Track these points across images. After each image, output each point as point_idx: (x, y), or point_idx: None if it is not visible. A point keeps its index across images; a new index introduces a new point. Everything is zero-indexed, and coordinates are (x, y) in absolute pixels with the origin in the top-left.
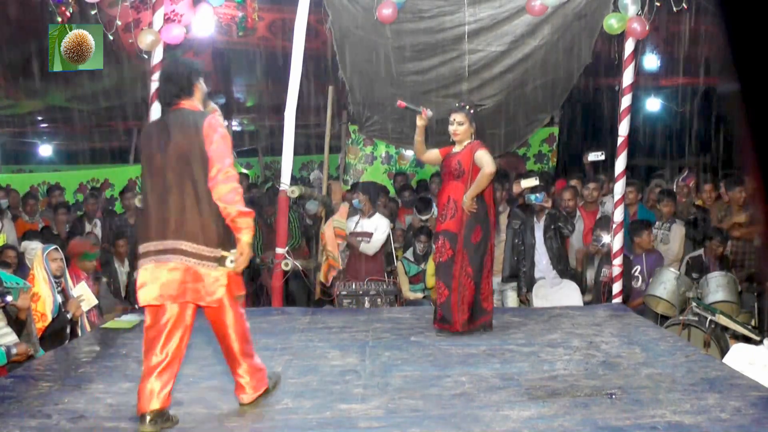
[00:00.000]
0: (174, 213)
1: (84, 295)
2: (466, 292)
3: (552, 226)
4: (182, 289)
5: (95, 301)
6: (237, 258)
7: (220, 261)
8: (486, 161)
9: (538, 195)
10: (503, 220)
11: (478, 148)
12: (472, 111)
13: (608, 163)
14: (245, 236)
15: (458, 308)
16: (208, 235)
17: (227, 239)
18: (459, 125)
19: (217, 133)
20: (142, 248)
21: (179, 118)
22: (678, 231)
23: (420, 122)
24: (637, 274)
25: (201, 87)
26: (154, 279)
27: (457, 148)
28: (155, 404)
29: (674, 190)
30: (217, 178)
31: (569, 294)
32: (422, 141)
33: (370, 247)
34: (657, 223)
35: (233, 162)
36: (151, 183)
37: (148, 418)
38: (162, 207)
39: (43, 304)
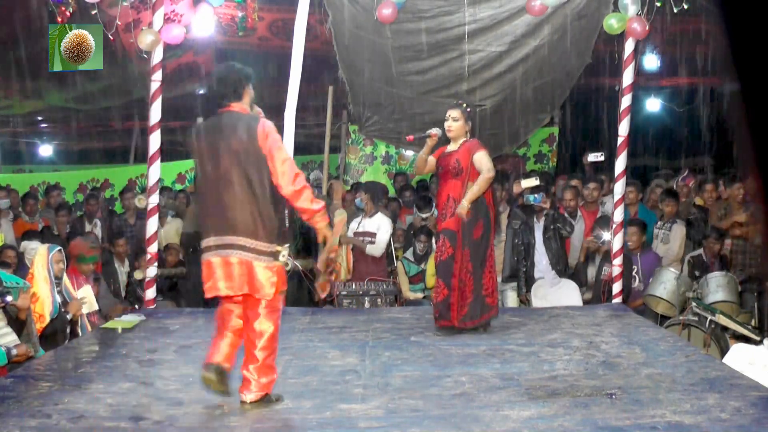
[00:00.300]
0: (231, 210)
1: (87, 298)
2: (466, 289)
3: (552, 227)
4: (241, 281)
5: (96, 306)
6: (325, 245)
7: (275, 255)
8: (486, 165)
9: (536, 196)
10: (503, 220)
11: (477, 148)
12: (468, 109)
13: (607, 164)
14: (321, 226)
15: (457, 306)
16: (264, 231)
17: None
18: (454, 121)
19: (273, 137)
20: (204, 243)
21: (231, 120)
22: (678, 231)
23: (431, 142)
24: (633, 274)
25: (249, 92)
26: (218, 272)
27: (452, 147)
28: (218, 357)
29: (674, 190)
30: (284, 182)
31: (568, 294)
32: (426, 159)
33: (376, 248)
34: (658, 223)
35: (293, 161)
36: (206, 181)
37: (211, 366)
38: (219, 204)
39: (42, 305)
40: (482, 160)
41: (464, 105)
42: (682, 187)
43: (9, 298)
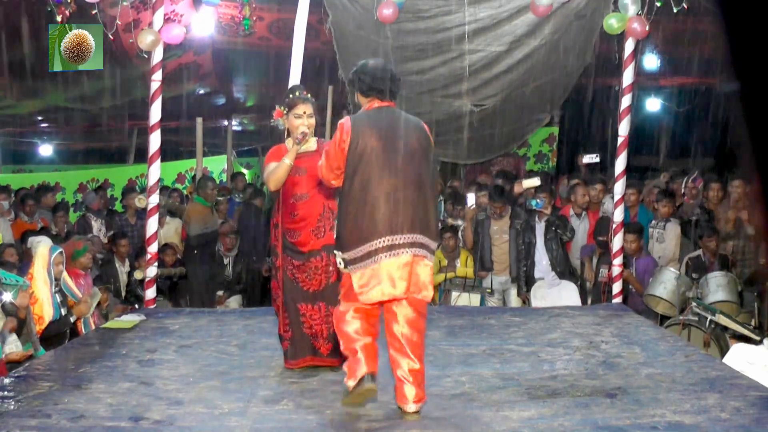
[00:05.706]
0: (413, 208)
1: (91, 301)
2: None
3: (552, 228)
4: (414, 280)
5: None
6: None
7: (434, 254)
8: None
9: (538, 201)
10: (505, 220)
11: None
12: (314, 101)
13: (602, 165)
14: None
15: (331, 338)
16: (434, 231)
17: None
18: (310, 118)
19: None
20: (369, 246)
21: (402, 117)
22: (673, 230)
23: (304, 144)
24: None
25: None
26: (394, 274)
27: (311, 146)
28: (373, 366)
29: (683, 191)
30: None
31: (568, 295)
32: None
33: None
34: (653, 222)
35: None
36: (376, 176)
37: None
38: (400, 201)
39: (41, 306)
40: None
41: (311, 96)
42: (692, 188)
43: (7, 296)
